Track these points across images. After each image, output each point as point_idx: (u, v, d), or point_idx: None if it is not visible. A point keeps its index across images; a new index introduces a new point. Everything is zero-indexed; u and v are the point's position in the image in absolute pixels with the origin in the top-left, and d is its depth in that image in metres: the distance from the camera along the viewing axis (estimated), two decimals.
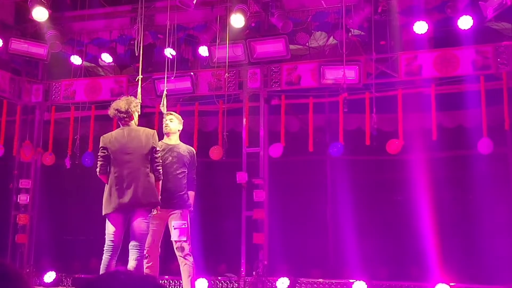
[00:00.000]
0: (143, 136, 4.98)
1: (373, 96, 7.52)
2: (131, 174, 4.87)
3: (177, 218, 5.30)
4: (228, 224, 9.04)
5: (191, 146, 5.76)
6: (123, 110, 5.01)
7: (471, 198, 8.37)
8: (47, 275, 8.11)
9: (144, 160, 4.92)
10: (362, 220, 8.33)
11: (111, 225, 4.90)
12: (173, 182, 5.34)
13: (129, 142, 4.94)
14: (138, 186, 4.85)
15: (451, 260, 7.31)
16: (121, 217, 4.89)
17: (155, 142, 4.99)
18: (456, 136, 8.30)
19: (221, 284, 7.73)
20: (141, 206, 4.87)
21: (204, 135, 8.75)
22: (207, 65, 8.27)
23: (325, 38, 8.23)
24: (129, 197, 4.82)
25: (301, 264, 8.45)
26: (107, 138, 5.03)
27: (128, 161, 4.90)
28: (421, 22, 7.23)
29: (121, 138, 4.97)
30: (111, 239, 4.87)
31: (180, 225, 5.27)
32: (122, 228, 4.91)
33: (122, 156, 4.92)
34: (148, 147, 4.94)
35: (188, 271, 5.25)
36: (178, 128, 5.56)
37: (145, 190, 4.86)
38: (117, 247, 4.89)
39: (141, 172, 4.89)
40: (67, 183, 9.52)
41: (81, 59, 8.61)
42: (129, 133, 4.98)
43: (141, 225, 4.88)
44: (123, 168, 4.89)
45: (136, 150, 4.92)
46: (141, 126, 5.15)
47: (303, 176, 9.74)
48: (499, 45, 7.27)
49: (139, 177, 4.87)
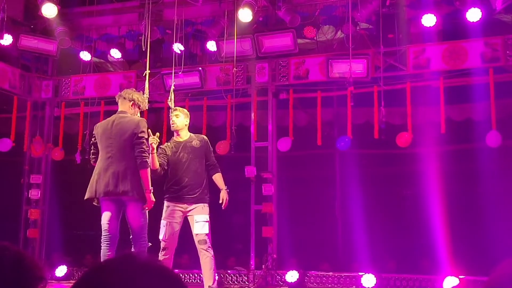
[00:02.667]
0: (127, 122, 4.90)
1: (382, 90, 7.51)
2: (108, 160, 4.80)
3: (199, 212, 5.34)
4: (237, 218, 9.09)
5: (200, 134, 5.79)
6: (127, 95, 5.00)
7: (479, 191, 8.35)
8: (58, 269, 8.19)
9: (124, 146, 4.81)
10: (371, 214, 8.34)
11: (103, 214, 4.85)
12: (193, 177, 5.38)
13: (112, 127, 4.88)
14: (113, 173, 4.76)
15: (460, 253, 7.31)
16: (111, 205, 4.82)
17: (137, 128, 4.84)
18: (464, 129, 8.28)
19: (230, 278, 7.78)
20: (115, 194, 4.76)
21: (213, 129, 8.78)
22: (215, 60, 8.29)
23: (333, 31, 8.22)
24: (103, 184, 4.76)
25: (310, 258, 8.48)
26: (97, 125, 5.05)
27: (107, 146, 4.84)
28: (429, 14, 7.20)
29: (107, 125, 4.94)
30: (105, 228, 4.84)
31: (203, 219, 5.34)
32: (115, 217, 4.83)
33: (104, 141, 4.87)
34: (128, 132, 4.82)
35: (210, 263, 5.30)
36: (185, 122, 5.57)
37: (119, 177, 4.75)
38: (114, 237, 4.83)
39: (119, 158, 4.79)
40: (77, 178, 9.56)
41: (90, 55, 8.65)
42: (115, 119, 4.94)
43: (135, 217, 4.80)
44: (103, 153, 4.85)
45: (116, 136, 4.85)
46: (151, 122, 5.17)
47: (312, 170, 9.76)
48: (508, 38, 7.23)
49: (115, 163, 4.78)
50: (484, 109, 7.37)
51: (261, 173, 7.92)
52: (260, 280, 7.53)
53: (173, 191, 5.38)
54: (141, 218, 4.85)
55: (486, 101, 7.28)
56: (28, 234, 8.76)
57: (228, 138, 8.06)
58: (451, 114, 8.24)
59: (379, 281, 7.04)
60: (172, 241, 5.32)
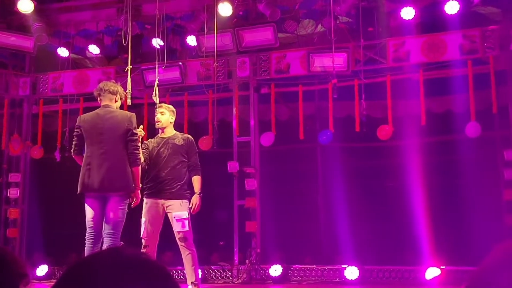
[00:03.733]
0: (119, 117, 4.81)
1: (362, 83, 7.54)
2: (102, 156, 4.71)
3: (177, 208, 5.27)
4: (220, 213, 9.07)
5: (187, 134, 5.73)
6: (111, 88, 4.89)
7: (460, 182, 8.44)
8: (39, 269, 8.09)
9: (118, 142, 4.74)
10: (354, 207, 8.38)
11: (88, 210, 4.76)
12: (172, 173, 5.32)
13: (103, 122, 4.77)
14: (108, 168, 4.69)
15: (441, 244, 7.39)
16: (96, 202, 4.75)
17: (130, 124, 4.78)
18: (444, 121, 8.36)
19: (214, 273, 7.76)
20: (110, 190, 4.71)
21: (194, 125, 8.73)
22: (196, 55, 8.24)
23: (313, 25, 8.23)
24: (97, 179, 4.67)
25: (293, 252, 8.51)
26: (83, 117, 4.90)
27: (100, 141, 4.74)
28: (408, 8, 7.25)
29: (96, 118, 4.81)
30: (90, 225, 4.76)
31: (182, 216, 5.25)
32: (99, 214, 4.75)
33: (94, 136, 4.76)
34: (122, 128, 4.75)
35: (191, 260, 5.26)
36: (170, 120, 5.49)
37: (114, 173, 4.70)
38: (99, 234, 4.75)
39: (113, 154, 4.72)
40: (57, 176, 9.48)
41: (68, 51, 8.55)
42: (105, 114, 4.82)
43: (115, 211, 4.73)
44: (94, 148, 4.74)
45: (110, 131, 4.75)
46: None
47: (294, 164, 9.77)
48: (485, 29, 7.31)
49: (109, 159, 4.71)
50: (463, 100, 7.45)
51: (244, 168, 7.91)
52: (244, 275, 7.53)
53: (151, 186, 5.33)
54: (123, 214, 4.80)
55: (465, 93, 7.36)
56: (8, 233, 8.65)
57: (210, 134, 8.03)
58: (431, 106, 8.32)
59: (362, 273, 7.08)
60: (152, 238, 5.26)
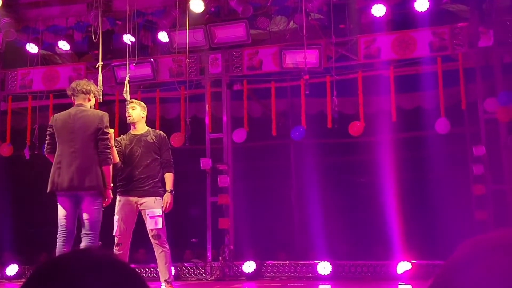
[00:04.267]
0: (90, 116, 4.81)
1: (334, 80, 7.59)
2: (72, 154, 4.71)
3: (150, 206, 5.23)
4: (193, 210, 9.04)
5: (159, 131, 5.69)
6: (84, 88, 4.89)
7: (430, 178, 8.60)
8: (9, 268, 7.96)
9: (88, 141, 4.75)
10: (327, 202, 8.45)
11: (60, 208, 4.74)
12: (145, 171, 5.29)
13: (74, 121, 4.78)
14: (77, 167, 4.68)
15: (412, 239, 7.50)
16: (68, 200, 4.73)
17: (101, 123, 4.79)
18: (415, 117, 8.49)
19: (187, 270, 7.74)
20: (79, 189, 4.69)
21: (167, 122, 8.68)
22: (167, 51, 8.18)
23: (285, 22, 8.24)
24: (67, 178, 4.67)
25: (267, 248, 8.54)
26: (56, 116, 4.92)
27: (70, 140, 4.75)
28: (379, 5, 7.31)
29: (67, 117, 4.82)
30: (62, 223, 4.73)
31: (155, 213, 5.22)
32: (72, 212, 4.74)
33: (65, 135, 4.77)
34: (93, 127, 4.76)
35: (164, 257, 5.24)
36: (141, 115, 5.47)
37: (84, 172, 4.69)
38: (71, 233, 4.74)
39: (84, 153, 4.72)
40: (27, 174, 9.33)
41: (37, 47, 8.40)
42: (76, 113, 4.83)
43: (90, 212, 4.71)
44: (65, 147, 4.75)
45: (80, 130, 4.76)
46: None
47: (267, 160, 9.81)
48: (454, 27, 7.43)
49: (79, 158, 4.71)
50: (433, 97, 7.57)
51: (217, 164, 7.89)
52: (218, 271, 7.53)
53: (124, 184, 5.30)
54: (98, 213, 4.78)
55: (435, 90, 7.48)
56: None
57: (183, 130, 7.99)
58: (401, 102, 8.43)
59: (334, 268, 7.15)
60: (125, 236, 5.23)
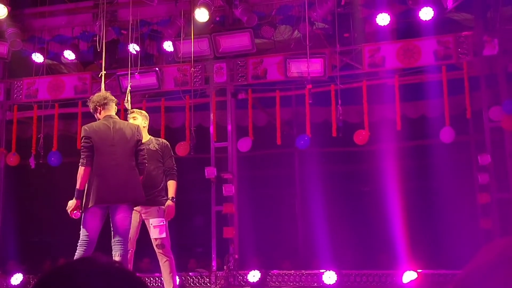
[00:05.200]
0: (127, 129, 4.85)
1: (338, 88, 7.60)
2: (115, 167, 4.71)
3: (154, 215, 5.22)
4: (197, 219, 9.04)
5: (161, 139, 5.70)
6: (110, 97, 4.94)
7: (435, 186, 8.56)
8: (14, 278, 7.95)
9: (129, 153, 4.78)
10: (331, 211, 8.43)
11: (89, 219, 4.70)
12: (148, 180, 5.28)
13: (114, 133, 4.78)
14: (123, 179, 4.71)
15: (418, 248, 7.47)
16: (100, 212, 4.73)
17: (139, 135, 4.89)
18: (419, 125, 8.48)
19: (192, 280, 7.72)
20: (125, 201, 4.73)
21: (172, 131, 8.70)
22: (172, 61, 8.22)
23: (289, 31, 8.27)
24: (112, 191, 4.68)
25: (272, 257, 8.52)
26: (91, 127, 4.83)
27: (112, 152, 4.73)
28: (383, 14, 7.33)
29: (106, 129, 4.79)
30: (86, 233, 4.70)
31: (159, 222, 5.19)
32: (100, 223, 4.75)
33: (106, 147, 4.74)
34: (133, 139, 4.81)
35: (169, 267, 5.22)
36: (143, 125, 5.46)
37: (129, 184, 4.73)
38: (93, 243, 4.72)
39: (126, 165, 4.75)
40: (32, 184, 9.35)
41: (43, 57, 8.45)
42: (114, 125, 4.83)
43: (125, 220, 4.75)
44: (107, 160, 4.72)
45: (121, 142, 4.77)
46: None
47: (272, 169, 9.80)
48: (459, 35, 7.43)
49: (123, 170, 4.73)
50: (438, 105, 7.56)
51: (222, 173, 7.89)
52: (222, 281, 7.51)
53: None
54: (130, 222, 4.85)
55: (439, 98, 7.47)
56: None
57: (188, 139, 8.00)
58: (406, 111, 8.42)
59: (339, 278, 7.11)
60: (129, 245, 5.22)
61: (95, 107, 4.95)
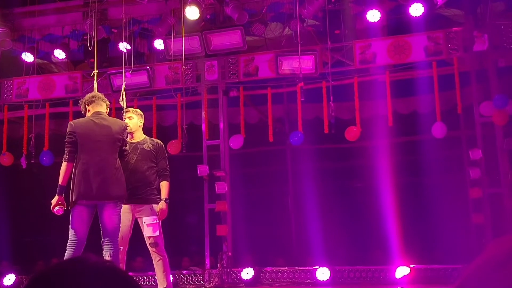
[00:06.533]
0: (114, 126, 4.83)
1: (330, 85, 7.61)
2: (99, 163, 4.68)
3: (147, 213, 5.22)
4: (190, 217, 9.03)
5: (156, 140, 5.69)
6: (98, 95, 4.93)
7: (426, 182, 8.60)
8: (6, 278, 7.92)
9: (113, 150, 4.75)
10: (324, 208, 8.45)
11: (76, 219, 4.67)
12: (141, 179, 5.28)
13: (100, 129, 4.75)
14: (106, 176, 4.68)
15: (410, 243, 7.50)
16: (86, 211, 4.69)
17: (124, 132, 4.91)
18: (411, 121, 8.51)
19: (185, 278, 7.72)
20: (109, 198, 4.70)
21: (163, 129, 8.69)
22: (163, 59, 8.20)
23: (280, 28, 8.27)
24: (96, 187, 4.63)
25: (265, 254, 8.53)
26: (77, 123, 4.80)
27: (97, 148, 4.70)
28: (373, 10, 7.35)
29: (92, 125, 4.76)
30: (73, 233, 4.67)
31: (152, 221, 5.19)
32: (87, 223, 4.71)
33: (91, 143, 4.70)
34: (117, 137, 4.79)
35: (162, 266, 5.22)
36: (138, 124, 5.46)
37: (113, 181, 4.70)
38: (82, 242, 4.68)
39: (110, 162, 4.72)
40: (24, 184, 9.31)
41: (33, 56, 8.40)
42: (100, 121, 4.80)
43: (112, 219, 4.72)
44: (91, 156, 4.69)
45: (106, 138, 4.74)
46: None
47: (264, 166, 9.81)
48: (449, 31, 7.46)
49: (107, 167, 4.70)
50: (429, 101, 7.60)
51: (214, 171, 7.89)
52: (216, 279, 7.51)
53: None
54: (118, 220, 4.81)
55: (430, 94, 7.51)
56: None
57: (179, 138, 7.99)
58: (397, 107, 8.45)
59: (333, 274, 7.14)
60: (122, 244, 5.21)
61: (84, 106, 4.95)
